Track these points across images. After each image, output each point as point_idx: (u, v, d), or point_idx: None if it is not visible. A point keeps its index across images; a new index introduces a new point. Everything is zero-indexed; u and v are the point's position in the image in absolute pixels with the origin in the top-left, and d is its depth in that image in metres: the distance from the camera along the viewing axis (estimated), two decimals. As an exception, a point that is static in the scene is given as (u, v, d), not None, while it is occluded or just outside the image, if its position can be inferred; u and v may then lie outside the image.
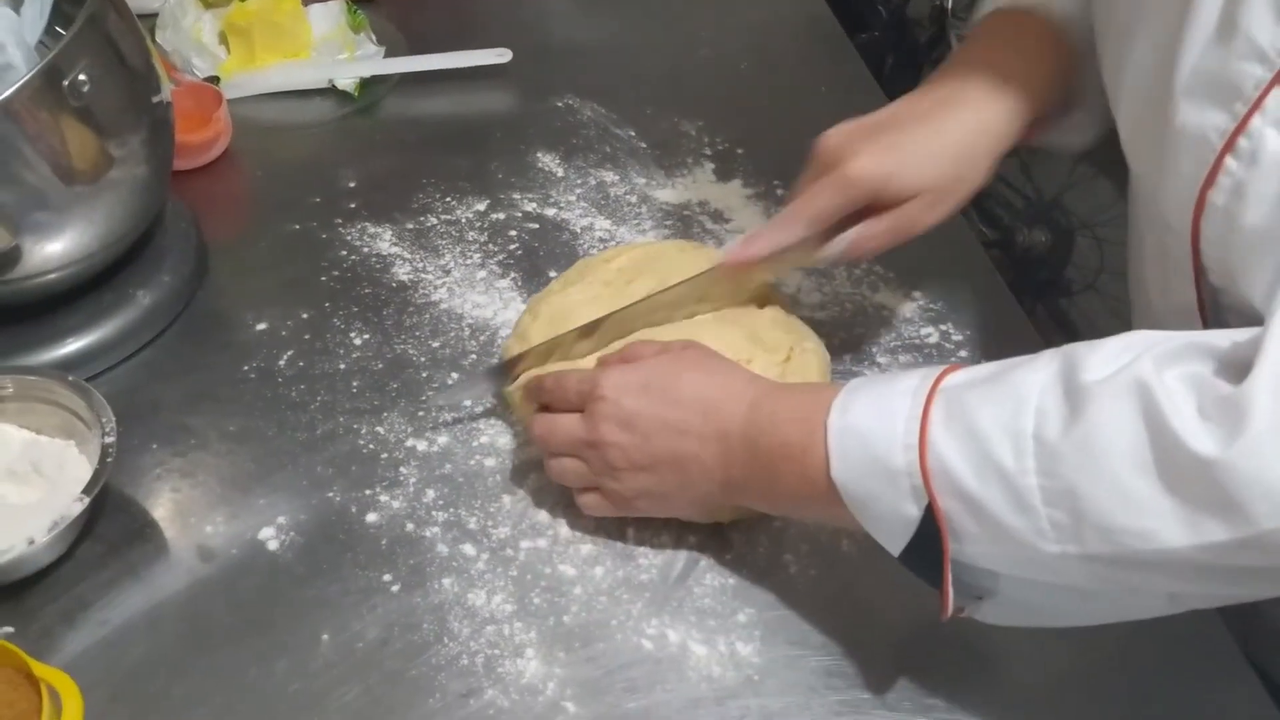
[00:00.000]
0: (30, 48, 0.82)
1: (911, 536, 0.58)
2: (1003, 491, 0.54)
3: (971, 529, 0.56)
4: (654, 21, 1.22)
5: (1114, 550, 0.52)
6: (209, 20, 1.11)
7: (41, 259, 0.77)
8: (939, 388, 0.58)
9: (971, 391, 0.57)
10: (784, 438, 0.63)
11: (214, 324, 0.87)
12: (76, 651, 0.67)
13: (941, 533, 0.57)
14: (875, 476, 0.59)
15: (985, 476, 0.55)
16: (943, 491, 0.56)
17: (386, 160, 1.03)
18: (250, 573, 0.71)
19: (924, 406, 0.58)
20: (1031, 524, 0.54)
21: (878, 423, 0.59)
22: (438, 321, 0.87)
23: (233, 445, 0.79)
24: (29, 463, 0.72)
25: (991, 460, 0.54)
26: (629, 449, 0.68)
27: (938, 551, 0.57)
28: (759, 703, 0.65)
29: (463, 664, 0.67)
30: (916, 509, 0.57)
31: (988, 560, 0.57)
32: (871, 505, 0.59)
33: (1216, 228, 0.61)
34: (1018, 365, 0.57)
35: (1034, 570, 0.56)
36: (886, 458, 0.58)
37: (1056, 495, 0.53)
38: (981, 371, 0.59)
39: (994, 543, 0.56)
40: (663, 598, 0.70)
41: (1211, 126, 0.59)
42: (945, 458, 0.56)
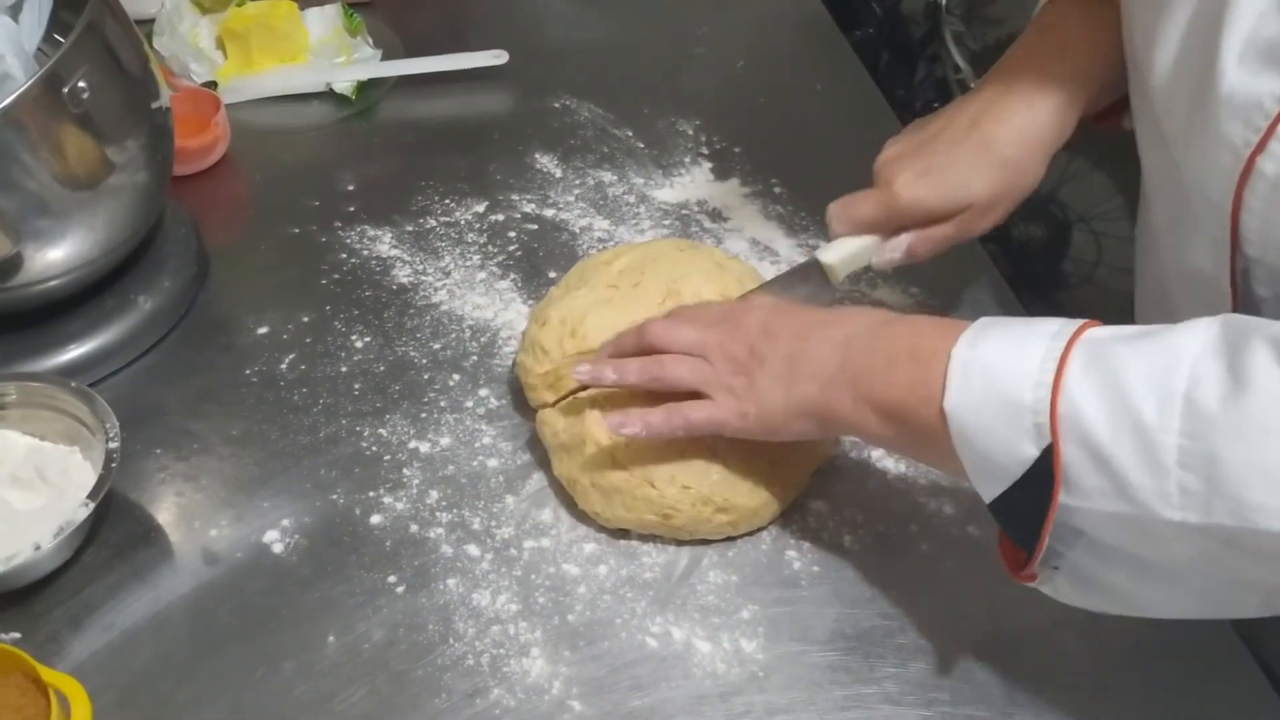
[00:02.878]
0: (29, 56, 0.82)
1: (1015, 480, 0.56)
2: (1136, 445, 0.52)
3: (1090, 482, 0.54)
4: (650, 21, 1.22)
5: (1239, 525, 0.50)
6: (206, 25, 1.11)
7: (43, 265, 0.78)
8: (1081, 336, 0.56)
9: (1118, 344, 0.55)
10: (913, 340, 0.62)
11: (215, 328, 0.88)
12: (83, 656, 0.68)
13: (1055, 480, 0.54)
14: (994, 409, 0.57)
15: (1119, 427, 0.53)
16: (1068, 436, 0.54)
17: (385, 163, 1.03)
18: (255, 575, 0.72)
19: (1064, 349, 0.55)
20: (1158, 484, 0.52)
21: (1010, 358, 0.57)
22: (438, 323, 0.87)
23: (236, 449, 0.79)
24: (33, 469, 0.72)
25: (1131, 412, 0.52)
26: (756, 345, 0.68)
27: (1039, 500, 0.55)
28: (763, 699, 0.66)
29: (468, 664, 0.67)
30: (1035, 449, 0.55)
31: (1090, 520, 0.55)
32: (981, 439, 0.57)
33: (1262, 197, 0.60)
34: (1171, 328, 0.55)
35: (1137, 538, 0.55)
36: (1013, 392, 0.56)
37: (1195, 458, 0.51)
38: (1129, 330, 0.57)
39: (1110, 499, 0.54)
40: (666, 595, 0.71)
41: (1267, 93, 0.58)
42: (1079, 402, 0.54)
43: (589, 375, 0.72)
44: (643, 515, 0.71)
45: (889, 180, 0.76)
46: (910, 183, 0.75)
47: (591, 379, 0.72)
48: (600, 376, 0.72)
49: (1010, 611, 0.70)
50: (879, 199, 0.77)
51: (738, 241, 0.94)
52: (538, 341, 0.78)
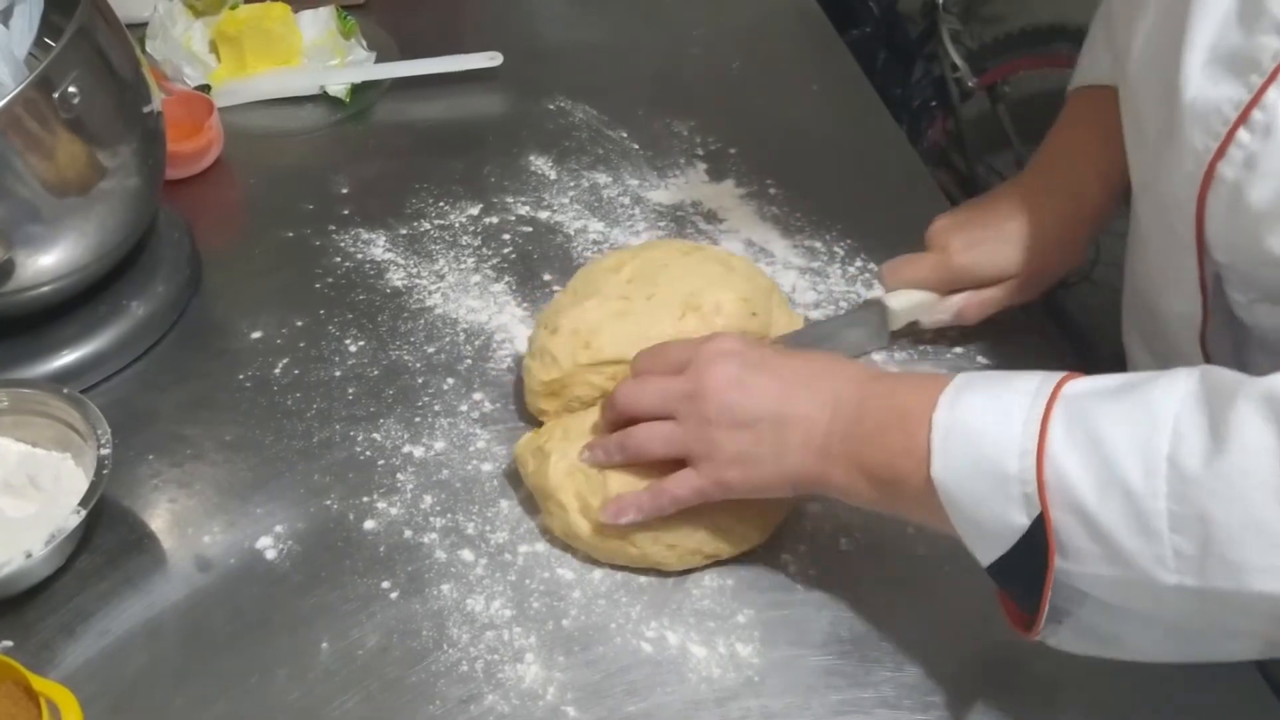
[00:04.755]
0: (19, 61, 0.82)
1: (1009, 547, 0.56)
2: (1125, 512, 0.52)
3: (1083, 547, 0.53)
4: (644, 22, 1.22)
5: (1236, 587, 0.49)
6: (199, 29, 1.11)
7: (35, 271, 0.77)
8: (1060, 394, 0.55)
9: (1098, 402, 0.54)
10: (902, 403, 0.61)
11: (209, 333, 0.87)
12: (76, 664, 0.67)
13: (1049, 547, 0.54)
14: (981, 479, 0.56)
15: (1108, 493, 0.52)
16: (1058, 504, 0.53)
17: (379, 166, 1.03)
18: (249, 582, 0.71)
19: (1044, 411, 0.55)
20: (1152, 549, 0.51)
21: (991, 422, 0.56)
22: (432, 327, 0.87)
23: (229, 454, 0.79)
24: (25, 476, 0.72)
25: (1117, 477, 0.52)
26: (732, 405, 0.65)
27: (1036, 566, 0.55)
28: (759, 703, 0.65)
29: (462, 670, 0.67)
30: (1025, 518, 0.54)
31: (1089, 582, 0.54)
32: (971, 508, 0.57)
33: (1223, 202, 0.60)
34: (1150, 380, 0.55)
35: (1137, 598, 0.54)
36: (998, 461, 0.55)
37: (1186, 522, 0.50)
38: (1108, 382, 0.56)
39: (1105, 564, 0.53)
40: (661, 600, 0.70)
41: (1225, 99, 0.58)
42: (1065, 469, 0.53)
43: (589, 461, 0.71)
44: (626, 563, 0.71)
45: (944, 246, 0.81)
46: (961, 250, 0.80)
47: (589, 463, 0.71)
48: (595, 460, 0.71)
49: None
50: (934, 261, 0.81)
51: (733, 243, 0.94)
52: (547, 349, 0.76)
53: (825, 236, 0.95)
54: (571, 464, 0.71)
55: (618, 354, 0.74)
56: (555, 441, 0.73)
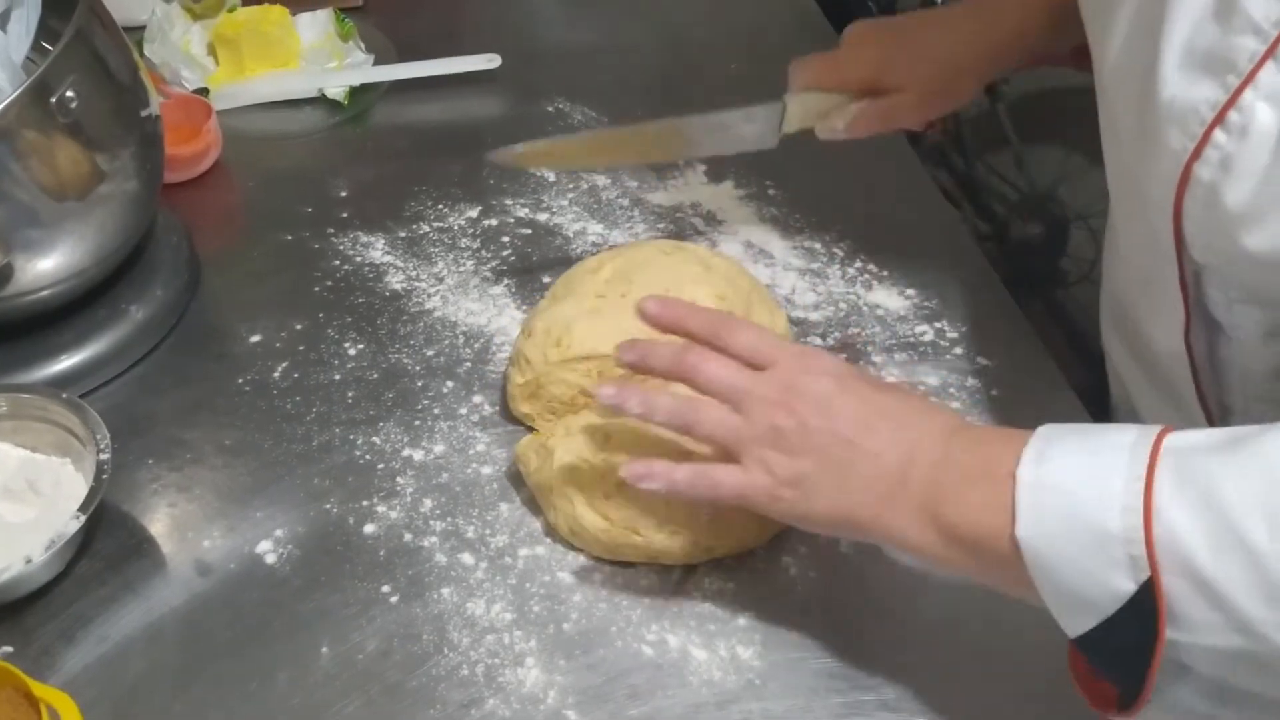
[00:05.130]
0: (16, 66, 0.82)
1: (1107, 617, 0.51)
2: (1248, 575, 0.47)
3: (1198, 615, 0.48)
4: (643, 23, 1.21)
5: None
6: (197, 32, 1.11)
7: (33, 276, 0.77)
8: (1163, 447, 0.51)
9: (1208, 456, 0.50)
10: (987, 454, 0.56)
11: (207, 337, 0.87)
12: (76, 669, 0.67)
13: (1159, 615, 0.49)
14: (1077, 539, 0.51)
15: (1226, 555, 0.47)
16: (1169, 567, 0.48)
17: (378, 168, 1.02)
18: (249, 586, 0.71)
19: (1148, 465, 0.50)
20: (1278, 616, 0.47)
21: (1087, 479, 0.51)
22: (432, 330, 0.87)
23: (229, 458, 0.78)
24: (25, 481, 0.72)
25: (1237, 536, 0.47)
26: (809, 423, 0.60)
27: (1138, 637, 0.50)
28: (761, 706, 0.65)
29: (463, 674, 0.66)
30: (1131, 583, 0.49)
31: (1198, 655, 0.50)
32: (1063, 572, 0.52)
33: (1200, 203, 0.60)
34: (1262, 432, 0.50)
35: (1252, 670, 0.50)
36: (1098, 519, 0.50)
37: None
38: (1215, 436, 0.52)
39: (1223, 634, 0.48)
40: (662, 603, 0.70)
41: (1202, 99, 0.57)
42: (1176, 528, 0.48)
43: (612, 401, 0.65)
44: (629, 556, 0.71)
45: (853, 48, 0.84)
46: (867, 56, 0.83)
47: (615, 405, 0.65)
48: (625, 405, 0.65)
49: (1008, 619, 0.69)
50: (838, 61, 0.84)
51: (732, 244, 0.94)
52: (521, 352, 0.77)
53: (824, 237, 0.94)
54: (575, 460, 0.71)
55: (590, 350, 0.74)
56: (558, 439, 0.73)
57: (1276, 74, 0.55)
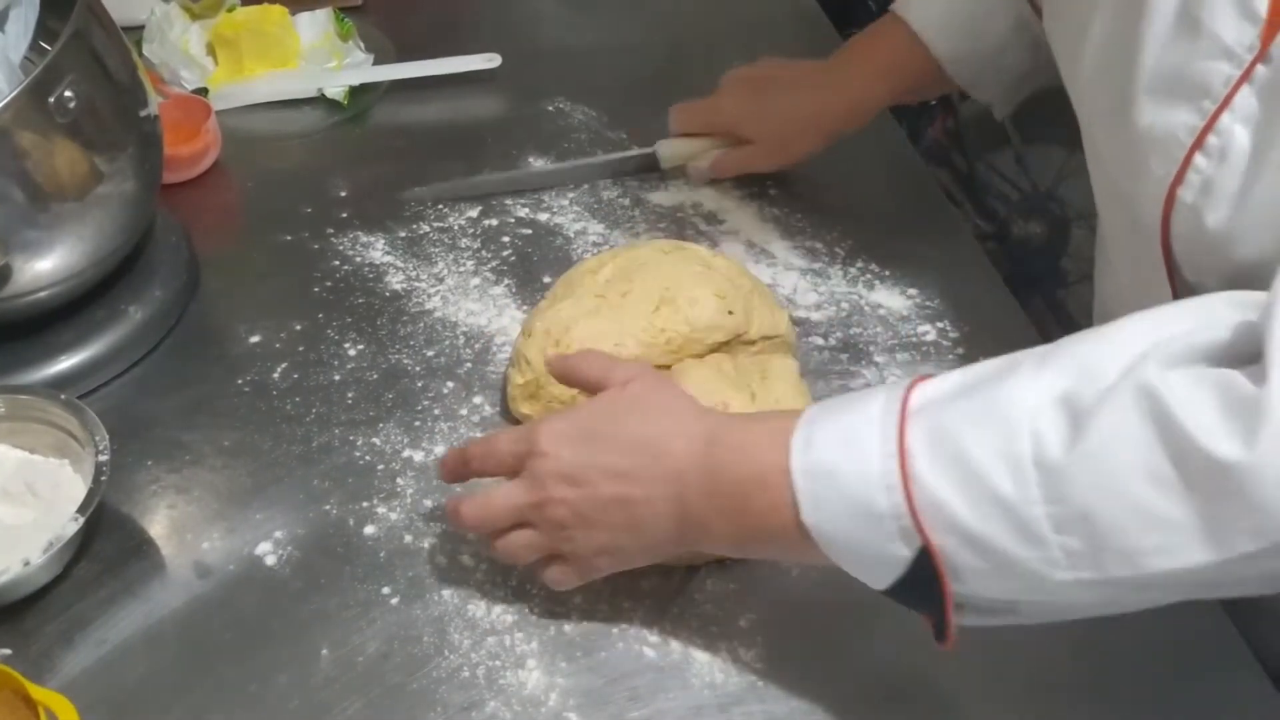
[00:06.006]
0: (14, 66, 0.81)
1: (901, 575, 0.55)
2: (1005, 522, 0.51)
3: (974, 565, 0.52)
4: (643, 22, 1.21)
5: (1134, 573, 0.49)
6: (196, 32, 1.11)
7: (32, 276, 0.77)
8: (909, 411, 0.54)
9: (950, 412, 0.53)
10: (755, 464, 0.58)
11: (207, 338, 0.87)
12: (75, 672, 0.67)
13: (939, 573, 0.53)
14: (854, 519, 0.54)
15: (983, 508, 0.51)
16: (937, 530, 0.52)
17: (377, 168, 1.02)
18: (248, 588, 0.71)
19: (898, 438, 0.53)
20: (1042, 554, 0.51)
21: (848, 461, 0.55)
22: (432, 330, 0.87)
23: (228, 460, 0.78)
24: (23, 483, 0.72)
25: (989, 490, 0.51)
26: (576, 503, 0.62)
27: (933, 585, 0.54)
28: (763, 708, 0.65)
29: (464, 676, 0.66)
30: (908, 550, 0.53)
31: (993, 591, 0.54)
32: (850, 547, 0.56)
33: (1186, 225, 0.61)
34: (997, 378, 0.53)
35: (1036, 593, 0.53)
36: (866, 500, 0.53)
37: (1068, 521, 0.50)
38: (952, 383, 0.55)
39: (1000, 576, 0.52)
40: (664, 604, 0.70)
41: (1180, 124, 0.59)
42: (935, 493, 0.52)
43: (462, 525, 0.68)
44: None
45: (726, 95, 0.95)
46: (733, 104, 0.95)
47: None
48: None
49: (1011, 617, 0.69)
50: (709, 107, 0.96)
51: (734, 244, 0.94)
52: (521, 353, 0.77)
53: (826, 237, 0.94)
54: None
55: (590, 346, 0.74)
56: None
57: (1251, 97, 0.56)
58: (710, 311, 0.76)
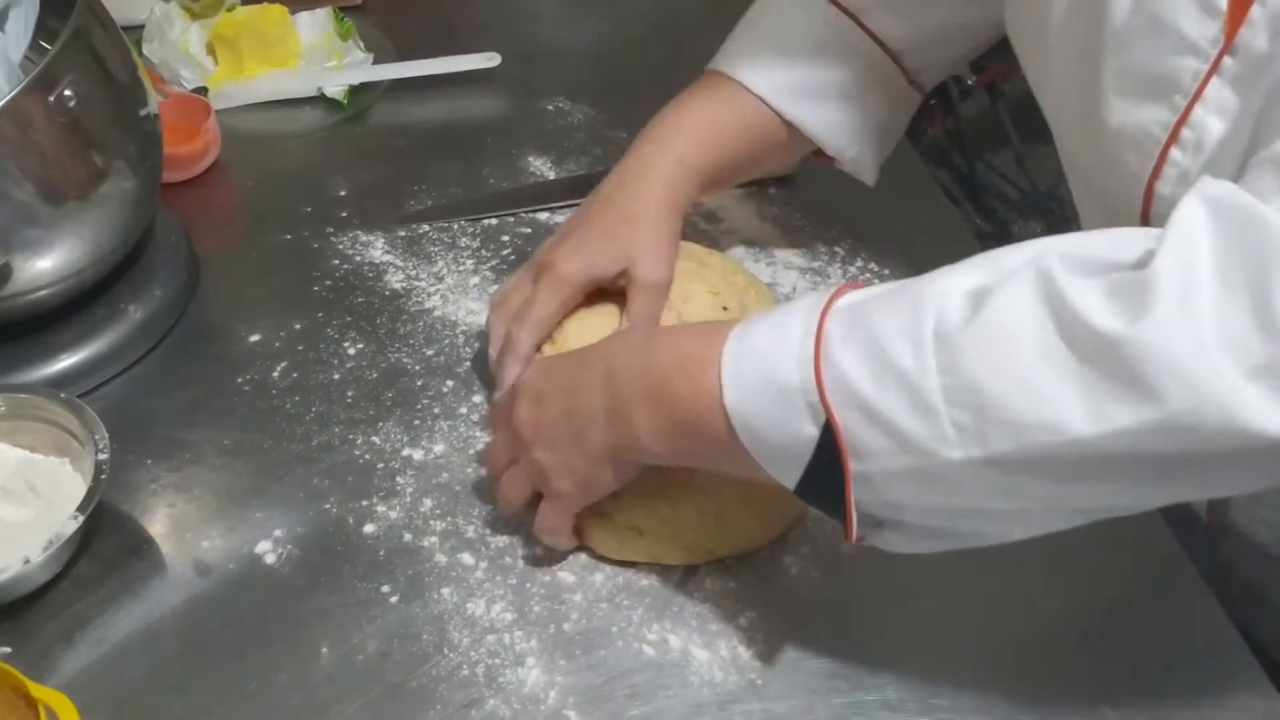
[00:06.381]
0: (14, 65, 0.82)
1: (808, 461, 0.56)
2: (902, 394, 0.52)
3: (872, 443, 0.54)
4: (642, 21, 1.21)
5: (1018, 447, 0.50)
6: (196, 31, 1.11)
7: (31, 276, 0.77)
8: (835, 304, 0.57)
9: (870, 303, 0.56)
10: (681, 353, 0.61)
11: (207, 337, 0.87)
12: (75, 670, 0.67)
13: (841, 451, 0.54)
14: (768, 396, 0.56)
15: (884, 381, 0.53)
16: (840, 404, 0.54)
17: (377, 168, 1.02)
18: (248, 587, 0.71)
19: (819, 321, 0.56)
20: (934, 428, 0.52)
21: (772, 342, 0.57)
22: (432, 329, 0.87)
23: (228, 459, 0.78)
24: (23, 481, 0.72)
25: (891, 363, 0.53)
26: (534, 420, 0.67)
27: (838, 475, 0.55)
28: (762, 706, 0.65)
29: (463, 674, 0.66)
30: (814, 427, 0.55)
31: (890, 483, 0.55)
32: (765, 429, 0.57)
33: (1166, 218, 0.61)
34: (925, 277, 0.56)
35: (937, 490, 0.54)
36: (781, 375, 0.56)
37: (958, 392, 0.51)
38: (880, 288, 0.58)
39: (896, 455, 0.53)
40: (663, 603, 0.70)
41: (1153, 121, 0.60)
42: (842, 368, 0.54)
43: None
44: (631, 555, 0.71)
45: (550, 264, 0.77)
46: (569, 255, 0.76)
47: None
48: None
49: (1011, 616, 0.69)
50: (551, 287, 0.76)
51: (733, 243, 0.94)
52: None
53: (825, 236, 0.94)
54: None
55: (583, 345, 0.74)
56: None
57: (1222, 88, 0.57)
58: (704, 308, 0.77)
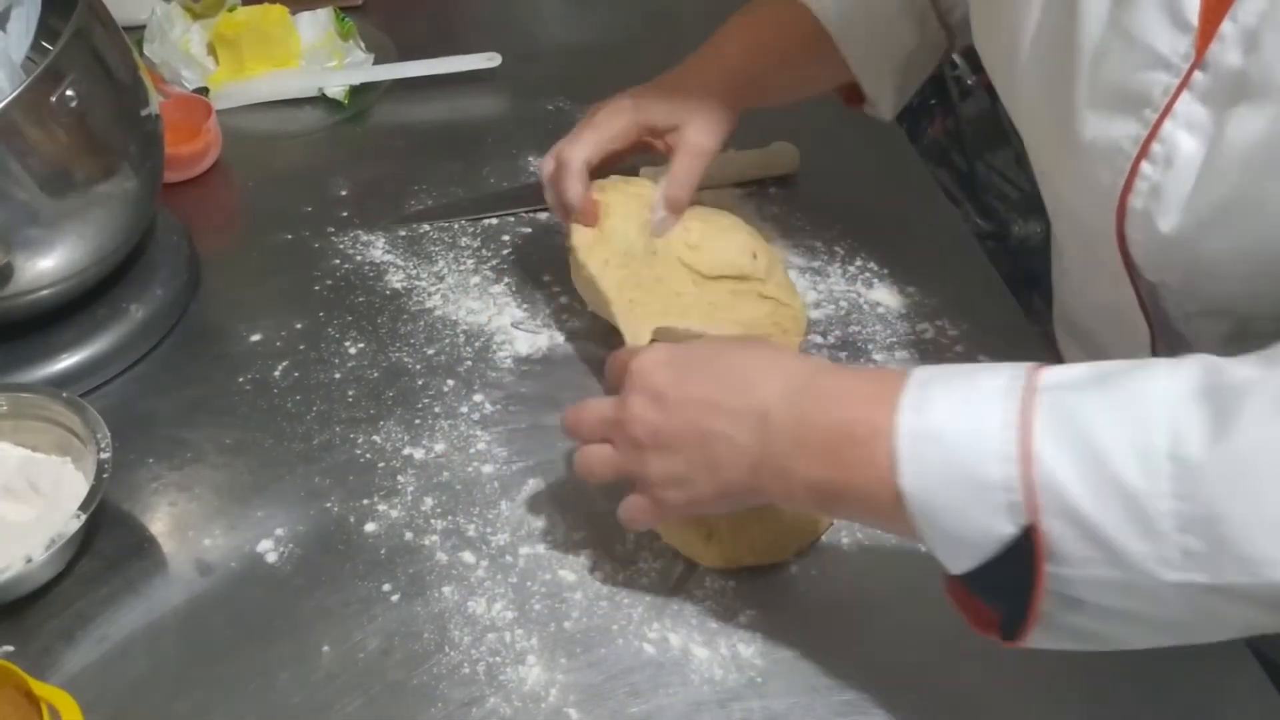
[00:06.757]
0: (16, 65, 0.82)
1: (989, 557, 0.52)
2: (1126, 514, 0.48)
3: (1078, 553, 0.50)
4: (643, 21, 1.21)
5: (1250, 581, 0.47)
6: (197, 31, 1.11)
7: (33, 275, 0.77)
8: (1036, 387, 0.52)
9: (1081, 397, 0.51)
10: (848, 415, 0.56)
11: (208, 336, 0.87)
12: (77, 669, 0.67)
13: (1038, 556, 0.50)
14: (959, 488, 0.51)
15: (1105, 497, 0.49)
16: (1049, 511, 0.49)
17: (378, 167, 1.02)
18: (249, 585, 0.71)
19: (1020, 410, 0.51)
20: (1156, 550, 0.48)
21: (964, 426, 0.52)
22: (432, 328, 0.87)
23: (229, 458, 0.78)
24: (25, 480, 0.72)
25: (1114, 479, 0.48)
26: (655, 424, 0.61)
27: (1018, 573, 0.51)
28: (762, 704, 0.65)
29: (464, 672, 0.66)
30: (1013, 527, 0.50)
31: (1079, 586, 0.51)
32: (947, 520, 0.52)
33: (1141, 230, 0.62)
34: (1132, 371, 0.52)
35: (1129, 598, 0.51)
36: (978, 468, 0.51)
37: (1194, 521, 0.47)
38: (1083, 373, 0.52)
39: (1103, 568, 0.50)
40: (664, 601, 0.70)
41: (1124, 135, 0.60)
42: (1054, 472, 0.49)
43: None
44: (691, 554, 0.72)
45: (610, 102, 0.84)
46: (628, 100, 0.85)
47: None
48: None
49: (1010, 613, 0.69)
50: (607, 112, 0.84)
51: (733, 243, 0.94)
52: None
53: (825, 236, 0.94)
54: None
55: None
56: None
57: (1192, 103, 0.57)
58: (735, 248, 0.81)
